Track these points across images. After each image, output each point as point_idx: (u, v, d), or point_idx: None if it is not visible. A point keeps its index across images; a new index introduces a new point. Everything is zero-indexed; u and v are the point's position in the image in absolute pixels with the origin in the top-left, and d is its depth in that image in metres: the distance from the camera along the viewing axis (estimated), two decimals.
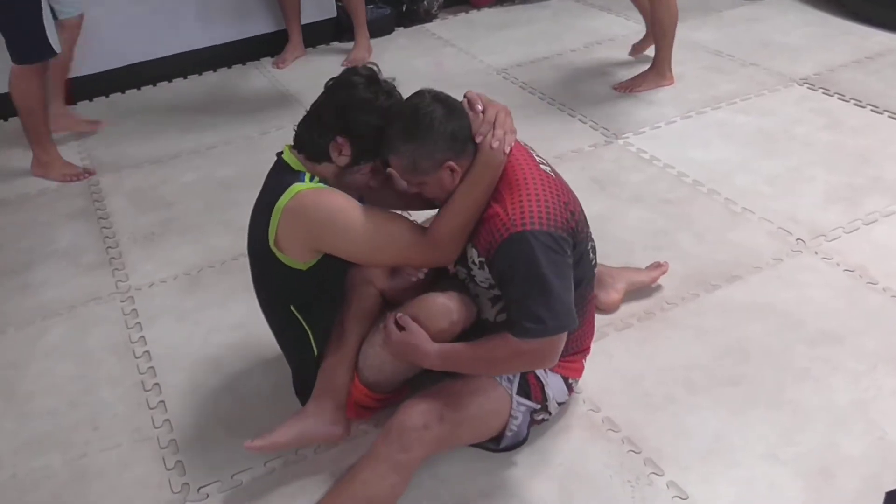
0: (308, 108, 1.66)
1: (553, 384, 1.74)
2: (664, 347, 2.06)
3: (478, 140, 1.56)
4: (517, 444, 1.75)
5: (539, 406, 1.72)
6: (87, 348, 2.21)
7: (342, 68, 3.85)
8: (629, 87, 3.43)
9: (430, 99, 1.58)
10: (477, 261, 1.61)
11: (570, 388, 1.80)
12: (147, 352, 2.18)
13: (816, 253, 2.37)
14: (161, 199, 2.92)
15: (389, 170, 1.68)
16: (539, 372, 1.70)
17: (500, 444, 1.72)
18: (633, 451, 1.77)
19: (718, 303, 2.20)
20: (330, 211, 1.57)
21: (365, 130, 1.58)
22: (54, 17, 2.96)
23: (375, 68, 1.66)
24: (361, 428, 1.88)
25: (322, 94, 1.64)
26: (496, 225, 1.54)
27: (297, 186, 1.57)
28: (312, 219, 1.57)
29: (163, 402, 2.01)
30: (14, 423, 1.98)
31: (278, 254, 1.62)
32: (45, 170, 3.07)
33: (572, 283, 1.57)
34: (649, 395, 1.92)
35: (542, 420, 1.78)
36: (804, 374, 1.95)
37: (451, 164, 1.54)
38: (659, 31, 3.34)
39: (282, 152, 1.70)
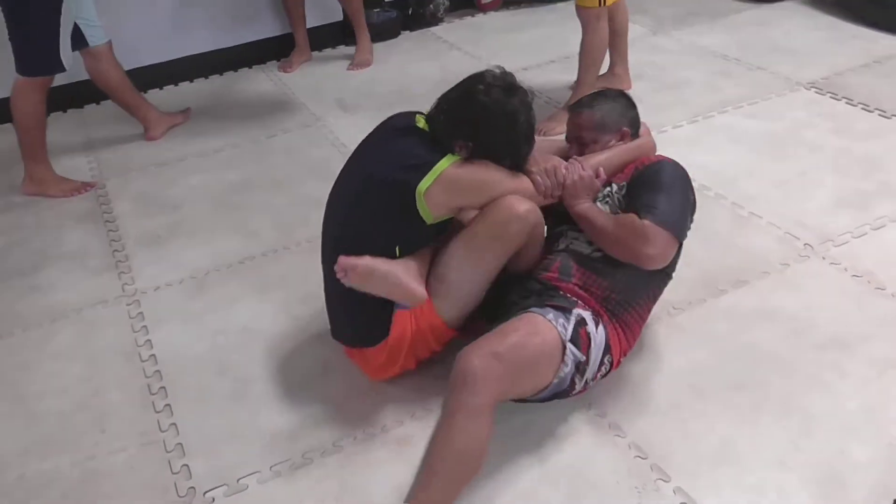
0: (441, 100, 1.86)
1: (598, 342, 1.77)
2: (671, 353, 2.05)
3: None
4: (559, 395, 1.77)
5: (585, 358, 1.74)
6: (95, 351, 2.21)
7: (347, 73, 3.91)
8: (542, 129, 3.03)
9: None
10: (611, 189, 1.94)
11: (604, 366, 1.81)
12: (153, 355, 2.18)
13: (824, 258, 2.36)
14: (167, 203, 2.92)
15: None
16: (590, 327, 1.76)
17: (544, 391, 1.74)
18: (640, 457, 1.77)
19: (726, 308, 2.20)
20: (482, 182, 1.81)
21: (490, 142, 1.80)
22: (86, 43, 2.99)
23: (510, 76, 1.85)
24: (369, 432, 1.87)
25: (459, 93, 1.84)
26: (649, 159, 1.96)
27: (452, 156, 1.79)
28: (467, 186, 1.80)
29: (169, 405, 2.01)
30: (22, 425, 1.98)
31: (419, 202, 1.77)
32: (40, 187, 2.98)
33: (689, 221, 1.90)
34: (656, 400, 1.91)
35: (576, 387, 1.78)
36: (813, 379, 1.94)
37: (626, 129, 2.02)
38: (587, 61, 3.14)
39: (414, 117, 1.91)
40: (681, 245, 1.89)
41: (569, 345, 1.72)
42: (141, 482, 1.80)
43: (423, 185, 1.76)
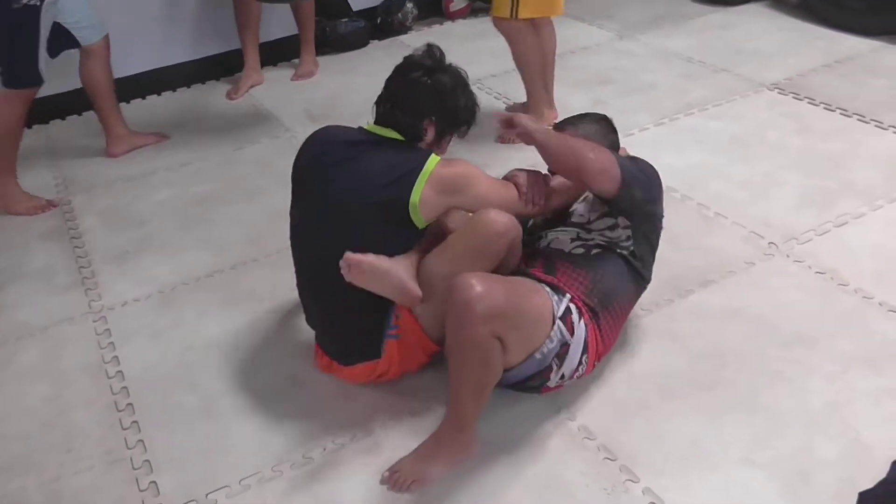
0: (387, 98, 1.92)
1: (579, 336, 1.80)
2: (639, 354, 2.06)
3: None
4: (533, 381, 1.80)
5: (568, 344, 1.77)
6: (60, 369, 2.19)
7: (316, 83, 3.90)
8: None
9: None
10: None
11: (581, 365, 1.83)
12: (120, 371, 2.16)
13: (788, 256, 2.39)
14: (134, 218, 2.90)
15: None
16: (574, 318, 1.79)
17: (525, 364, 1.75)
18: (609, 459, 1.77)
19: (692, 308, 2.21)
20: (468, 176, 1.88)
21: (452, 111, 1.92)
22: (78, 44, 2.98)
23: (431, 53, 1.96)
24: (338, 442, 1.86)
25: (404, 84, 1.92)
26: None
27: (435, 157, 1.85)
28: (457, 184, 1.85)
29: (136, 422, 1.99)
30: None
31: (413, 213, 1.81)
32: (3, 201, 2.93)
33: (655, 194, 1.99)
34: (625, 402, 1.92)
35: (552, 378, 1.80)
36: (778, 377, 1.96)
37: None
38: (525, 73, 3.14)
39: (372, 131, 1.93)
40: (655, 247, 2.02)
41: (558, 321, 1.75)
42: (108, 501, 1.78)
43: (415, 195, 1.80)
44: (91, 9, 3.02)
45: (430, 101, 1.89)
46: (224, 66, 4.09)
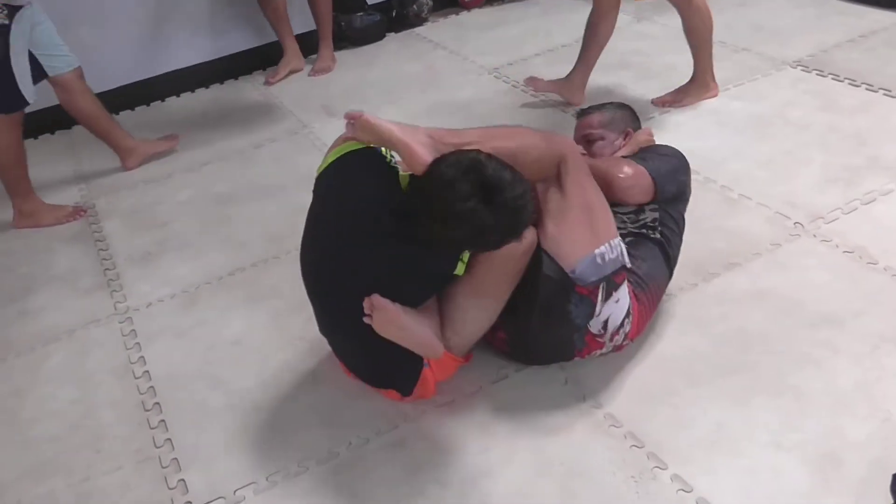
0: (426, 223, 1.63)
1: (624, 297, 1.83)
2: (664, 339, 2.03)
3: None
4: (589, 300, 1.78)
5: (626, 263, 1.82)
6: (88, 371, 2.21)
7: (332, 78, 3.90)
8: (671, 102, 3.18)
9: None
10: None
11: (623, 328, 1.86)
12: (147, 371, 2.18)
13: (815, 236, 2.35)
14: (156, 219, 2.92)
15: None
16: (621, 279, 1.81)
17: (577, 271, 1.76)
18: (636, 446, 1.76)
19: (717, 291, 2.18)
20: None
21: (500, 243, 1.68)
22: (45, 74, 2.87)
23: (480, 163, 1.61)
24: (363, 437, 1.87)
25: (448, 216, 1.59)
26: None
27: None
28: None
29: (163, 421, 2.01)
30: (17, 451, 1.98)
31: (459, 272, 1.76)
32: (31, 219, 2.94)
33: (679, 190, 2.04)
34: (650, 388, 1.90)
35: (595, 323, 1.82)
36: (806, 358, 1.93)
37: (630, 129, 2.18)
38: (695, 42, 3.08)
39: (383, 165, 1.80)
40: (682, 229, 2.06)
41: (620, 242, 1.82)
42: (137, 500, 1.80)
43: (460, 269, 1.75)
44: (61, 42, 2.90)
45: (471, 239, 1.64)
46: (242, 65, 4.12)
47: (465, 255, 1.75)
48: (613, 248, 1.79)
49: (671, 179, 1.99)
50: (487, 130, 1.75)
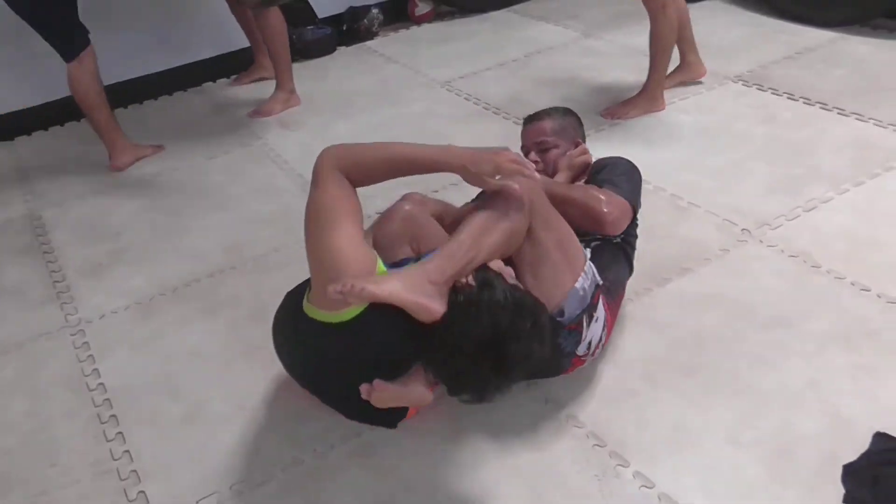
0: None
1: (601, 309, 1.85)
2: (622, 342, 2.08)
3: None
4: (576, 328, 1.79)
5: (599, 282, 1.84)
6: (40, 384, 2.15)
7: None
8: (620, 114, 3.25)
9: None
10: None
11: (601, 341, 1.90)
12: (102, 384, 2.13)
13: (762, 241, 2.44)
14: (107, 230, 2.86)
15: None
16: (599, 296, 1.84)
17: (565, 312, 1.76)
18: (599, 445, 1.79)
19: (671, 296, 2.25)
20: None
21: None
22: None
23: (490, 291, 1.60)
24: (328, 443, 1.86)
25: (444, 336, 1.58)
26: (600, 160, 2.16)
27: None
28: None
29: (121, 433, 1.96)
30: None
31: None
32: (128, 156, 3.26)
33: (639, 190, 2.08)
34: (610, 390, 1.94)
35: (581, 346, 1.82)
36: (758, 359, 2.00)
37: (579, 140, 2.21)
38: (656, 49, 3.12)
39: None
40: (635, 226, 2.08)
41: (590, 262, 1.83)
42: None
43: None
44: None
45: (526, 372, 1.70)
46: (192, 78, 4.08)
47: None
48: (587, 274, 1.81)
49: (638, 194, 2.06)
50: (471, 228, 1.66)
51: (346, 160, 1.68)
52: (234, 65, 4.13)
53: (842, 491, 1.64)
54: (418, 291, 1.56)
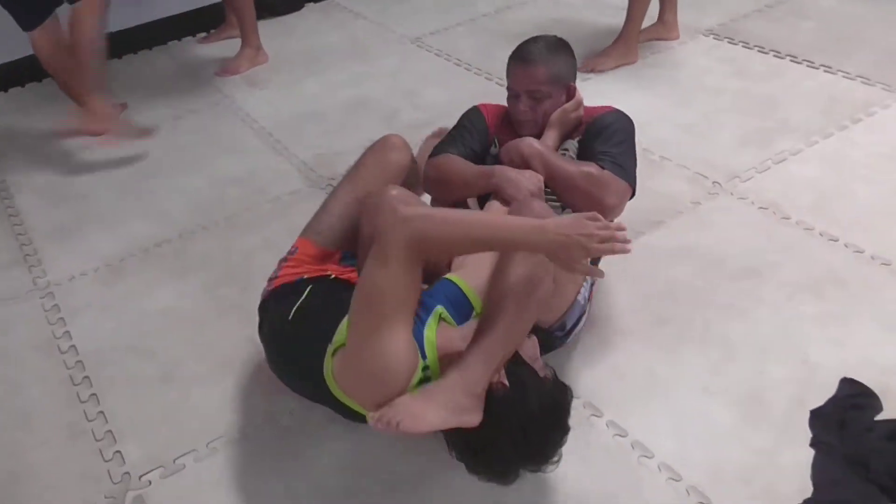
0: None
1: (583, 297, 1.85)
2: (596, 295, 2.09)
3: None
4: (578, 319, 1.83)
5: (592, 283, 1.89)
6: (9, 349, 2.12)
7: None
8: (591, 66, 3.22)
9: None
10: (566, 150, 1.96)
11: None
12: (73, 346, 2.11)
13: (732, 194, 2.46)
14: (73, 192, 2.81)
15: None
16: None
17: (567, 325, 1.78)
18: (573, 396, 1.80)
19: (643, 249, 2.25)
20: None
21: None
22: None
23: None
24: (304, 402, 1.86)
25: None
26: (599, 111, 2.02)
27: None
28: None
29: (94, 394, 1.95)
30: None
31: None
32: (100, 121, 2.89)
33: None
34: (584, 342, 1.96)
35: (580, 324, 1.86)
36: (729, 309, 2.03)
37: (572, 84, 1.99)
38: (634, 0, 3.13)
39: None
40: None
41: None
42: (72, 474, 1.75)
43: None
44: None
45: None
46: (156, 35, 3.98)
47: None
48: (588, 280, 1.84)
49: (636, 165, 1.94)
50: (505, 318, 1.49)
51: (425, 241, 1.43)
52: (200, 22, 4.03)
53: (809, 435, 1.68)
54: (460, 411, 1.44)
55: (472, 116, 2.07)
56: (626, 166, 1.88)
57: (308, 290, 1.74)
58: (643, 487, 1.61)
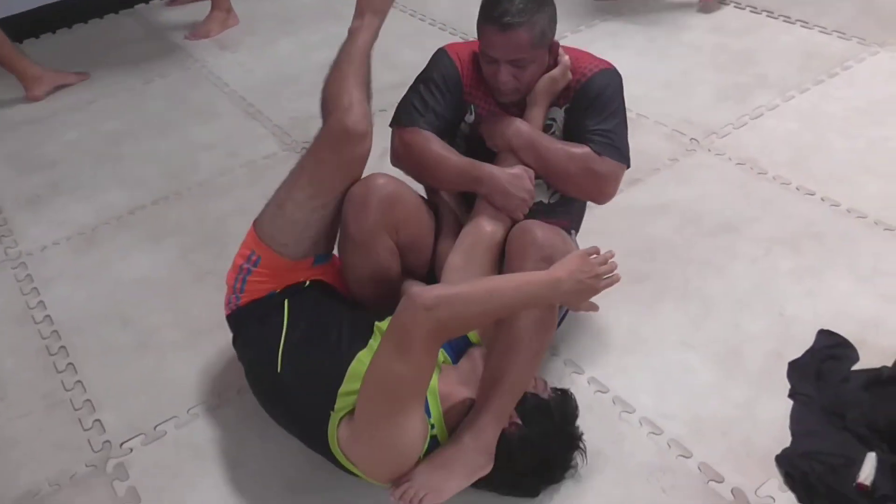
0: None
1: None
2: None
3: None
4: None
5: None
6: None
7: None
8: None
9: None
10: (553, 121, 1.75)
11: None
12: (48, 316, 2.08)
13: (710, 150, 2.46)
14: (44, 160, 2.75)
15: None
16: None
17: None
18: (553, 355, 1.82)
19: (622, 206, 2.22)
20: None
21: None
22: None
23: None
24: None
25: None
26: (588, 72, 1.72)
27: None
28: None
29: (71, 364, 1.93)
30: None
31: None
32: (43, 85, 3.12)
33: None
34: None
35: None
36: (706, 264, 2.04)
37: (555, 41, 1.70)
38: None
39: None
40: None
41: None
42: (52, 443, 1.73)
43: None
44: None
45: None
46: None
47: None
48: None
49: (627, 135, 1.77)
50: (518, 367, 1.48)
51: (449, 329, 1.36)
52: None
53: (787, 387, 1.70)
54: (476, 471, 1.45)
55: (444, 68, 1.80)
56: (621, 145, 1.71)
57: (286, 312, 1.61)
58: (625, 442, 1.62)
